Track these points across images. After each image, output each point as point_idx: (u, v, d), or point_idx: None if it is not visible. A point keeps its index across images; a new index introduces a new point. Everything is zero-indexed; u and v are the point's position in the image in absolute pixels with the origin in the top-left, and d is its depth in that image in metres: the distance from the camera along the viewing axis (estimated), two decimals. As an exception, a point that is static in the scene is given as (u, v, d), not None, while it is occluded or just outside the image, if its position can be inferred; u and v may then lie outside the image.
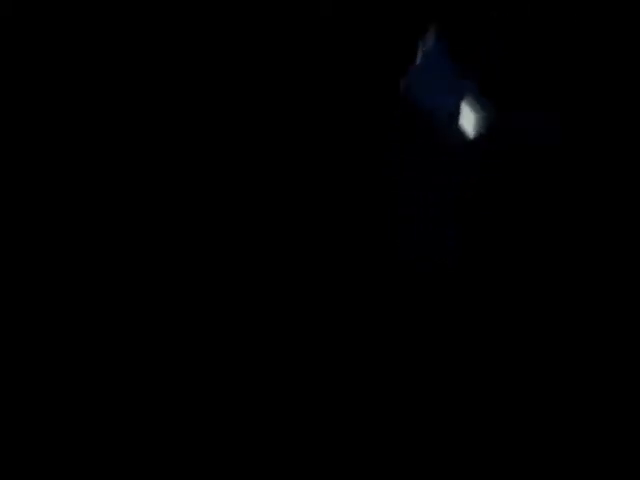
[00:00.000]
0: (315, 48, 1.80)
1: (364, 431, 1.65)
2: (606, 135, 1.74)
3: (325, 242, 1.75)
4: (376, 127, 1.79)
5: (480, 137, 1.61)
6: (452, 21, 1.74)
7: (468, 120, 1.60)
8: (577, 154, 1.74)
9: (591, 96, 1.73)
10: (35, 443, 1.62)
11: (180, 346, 1.69)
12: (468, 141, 1.63)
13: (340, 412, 1.66)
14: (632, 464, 1.61)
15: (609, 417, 1.64)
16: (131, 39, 1.80)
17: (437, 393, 1.68)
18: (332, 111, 1.79)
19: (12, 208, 1.73)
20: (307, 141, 1.79)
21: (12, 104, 1.77)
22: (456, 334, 1.70)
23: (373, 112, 1.79)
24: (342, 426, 1.66)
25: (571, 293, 1.70)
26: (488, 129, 1.58)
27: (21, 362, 1.66)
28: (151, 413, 1.65)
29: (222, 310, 1.71)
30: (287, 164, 1.78)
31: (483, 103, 1.58)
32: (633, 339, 1.67)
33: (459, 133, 1.63)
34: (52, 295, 1.70)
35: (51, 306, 1.69)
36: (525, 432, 1.65)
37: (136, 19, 1.80)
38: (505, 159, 1.74)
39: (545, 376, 1.67)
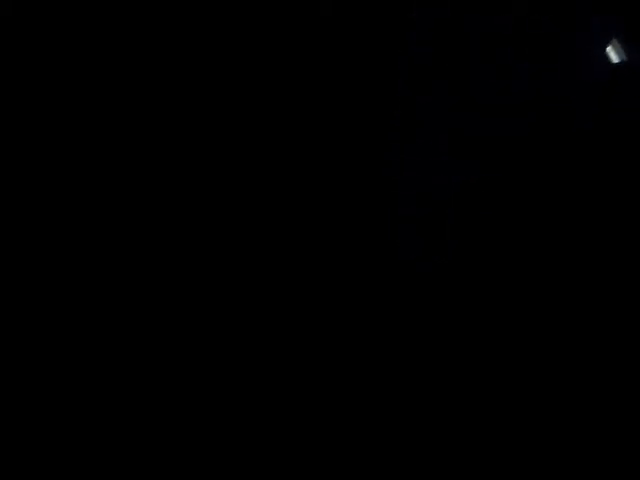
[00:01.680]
0: (315, 48, 1.80)
1: (364, 431, 1.66)
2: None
3: (325, 242, 1.75)
4: (376, 127, 1.79)
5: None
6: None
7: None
8: (578, 153, 1.74)
9: None
10: (35, 443, 1.62)
11: (179, 345, 1.70)
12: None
13: (340, 412, 1.67)
14: (632, 464, 1.61)
15: (609, 417, 1.65)
16: (131, 39, 1.80)
17: (437, 392, 1.68)
18: (332, 111, 1.79)
19: (12, 208, 1.73)
20: (307, 141, 1.79)
21: (12, 104, 1.77)
22: (456, 334, 1.70)
23: (373, 112, 1.79)
24: (342, 426, 1.66)
25: (570, 293, 1.70)
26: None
27: (21, 362, 1.67)
28: (151, 412, 1.66)
29: (221, 311, 1.71)
30: (287, 164, 1.78)
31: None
32: (633, 340, 1.67)
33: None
34: (52, 295, 1.70)
35: (50, 306, 1.70)
36: (525, 432, 1.65)
37: (136, 19, 1.80)
38: (505, 159, 1.74)
39: (544, 376, 1.68)
